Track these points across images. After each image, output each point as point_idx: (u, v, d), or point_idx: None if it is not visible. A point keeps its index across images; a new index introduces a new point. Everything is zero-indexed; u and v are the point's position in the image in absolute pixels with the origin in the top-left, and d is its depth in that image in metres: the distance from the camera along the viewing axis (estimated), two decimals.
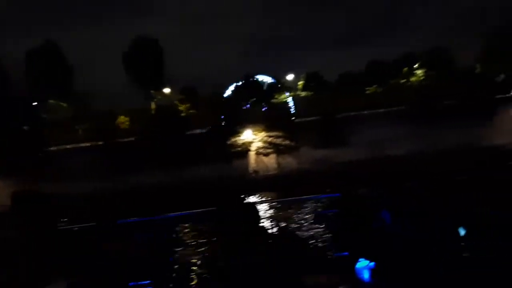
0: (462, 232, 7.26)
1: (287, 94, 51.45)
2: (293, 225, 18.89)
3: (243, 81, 51.71)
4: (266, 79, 53.30)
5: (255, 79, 52.19)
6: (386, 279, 6.98)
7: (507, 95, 48.07)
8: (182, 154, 42.90)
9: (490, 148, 43.91)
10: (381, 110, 48.75)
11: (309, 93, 51.65)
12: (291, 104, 50.69)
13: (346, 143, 46.85)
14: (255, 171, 45.21)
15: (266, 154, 45.36)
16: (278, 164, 45.92)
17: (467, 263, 6.97)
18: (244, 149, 45.43)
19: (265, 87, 51.41)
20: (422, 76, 50.16)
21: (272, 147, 45.30)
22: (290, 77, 54.69)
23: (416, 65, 51.09)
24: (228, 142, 45.08)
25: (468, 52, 50.76)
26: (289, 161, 46.18)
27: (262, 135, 45.72)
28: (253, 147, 45.90)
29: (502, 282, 6.52)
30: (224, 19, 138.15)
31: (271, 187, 37.82)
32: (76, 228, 15.57)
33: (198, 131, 46.57)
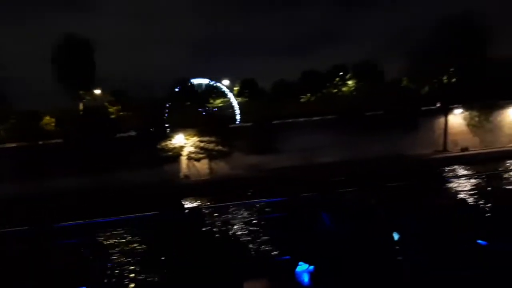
0: (396, 236, 7.40)
1: (223, 99, 51.30)
2: (236, 229, 18.97)
3: (178, 84, 50.94)
4: (202, 82, 52.86)
5: (190, 82, 51.58)
6: (325, 282, 7.03)
7: (431, 107, 50.69)
8: (108, 158, 41.36)
9: (414, 157, 46.26)
10: (314, 118, 49.83)
11: (244, 99, 51.82)
12: (225, 109, 50.62)
13: (279, 150, 47.42)
14: (186, 176, 44.45)
15: (198, 159, 44.76)
16: (211, 169, 45.49)
17: (401, 266, 7.10)
18: (175, 154, 44.55)
19: (200, 91, 50.90)
20: (353, 86, 51.86)
21: (205, 152, 44.77)
22: (226, 82, 54.56)
23: (348, 76, 52.79)
24: (159, 146, 44.01)
25: (396, 65, 53.20)
26: (222, 166, 45.92)
27: (194, 139, 45.08)
28: (185, 151, 45.13)
29: (435, 283, 6.65)
30: (165, 20, 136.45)
31: (204, 193, 37.44)
32: None
33: (128, 134, 45.16)
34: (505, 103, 51.87)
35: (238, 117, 52.00)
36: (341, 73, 52.34)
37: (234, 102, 52.02)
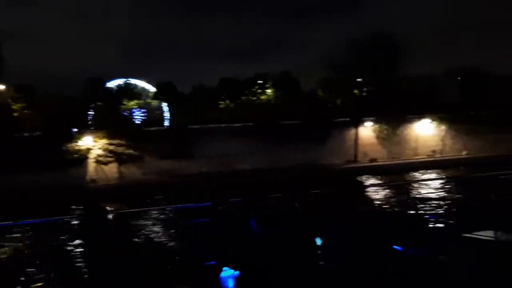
0: (318, 241, 7.59)
1: (137, 101, 49.61)
2: (159, 235, 18.24)
3: (92, 84, 48.52)
4: (119, 82, 50.86)
5: (103, 82, 49.39)
6: (249, 287, 6.95)
7: (344, 119, 52.52)
8: (8, 159, 38.31)
9: (327, 166, 47.61)
10: (232, 125, 49.82)
11: (160, 102, 50.59)
12: (139, 111, 49.06)
13: (196, 155, 46.74)
14: (93, 180, 42.29)
15: (106, 163, 42.75)
16: (120, 174, 43.68)
17: (324, 270, 7.26)
18: (82, 157, 42.22)
19: (114, 92, 48.85)
20: (271, 95, 52.54)
21: (114, 156, 42.86)
22: (143, 83, 52.96)
23: (268, 85, 53.41)
24: (64, 148, 41.47)
25: (315, 77, 54.60)
26: (133, 171, 44.29)
27: (103, 142, 43.04)
28: (93, 154, 42.94)
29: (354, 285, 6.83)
30: (101, 19, 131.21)
31: (110, 198, 35.75)
32: None
33: (32, 134, 42.18)
34: (412, 118, 55.12)
35: (148, 119, 50.44)
36: (260, 82, 52.81)
37: (145, 105, 50.44)
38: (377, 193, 33.83)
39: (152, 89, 53.16)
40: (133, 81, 52.10)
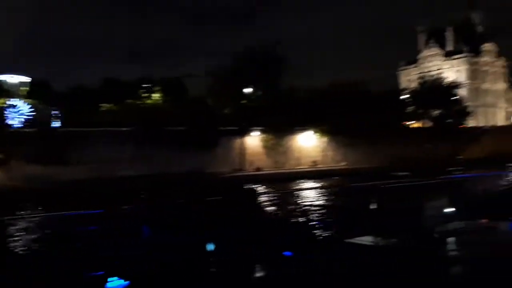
0: (210, 247, 7.57)
1: (5, 99, 44.53)
2: (44, 243, 16.48)
3: None
4: None
5: None
6: None
7: (231, 128, 52.51)
8: None
9: (213, 174, 47.04)
10: (114, 129, 46.96)
11: (34, 101, 46.01)
12: (42, 111, 44.06)
13: (71, 161, 43.05)
14: None
15: None
16: None
17: (215, 276, 7.18)
18: None
19: None
20: (158, 100, 50.81)
21: None
22: (15, 80, 47.77)
23: (155, 89, 51.63)
24: None
25: (203, 84, 54.08)
26: None
27: None
28: None
29: None
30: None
31: None
32: None
33: None
34: (296, 129, 57.06)
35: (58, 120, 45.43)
36: (147, 85, 50.85)
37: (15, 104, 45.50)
38: (268, 200, 34.26)
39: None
40: (3, 77, 46.73)
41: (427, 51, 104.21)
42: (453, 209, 8.66)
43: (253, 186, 43.21)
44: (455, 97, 71.19)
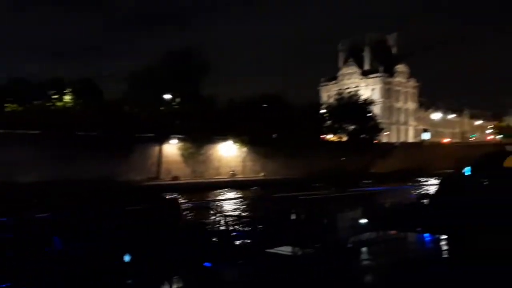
0: (127, 258, 7.09)
1: None
2: None
3: None
4: None
5: None
6: None
7: (148, 134, 50.77)
8: None
9: (126, 182, 45.07)
10: (17, 131, 43.52)
11: None
12: None
13: None
14: None
15: None
16: None
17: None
18: None
19: None
20: (70, 102, 48.02)
21: None
22: None
23: (66, 91, 48.74)
24: None
25: (120, 88, 51.87)
26: None
27: None
28: None
29: None
30: None
31: None
32: None
33: None
34: (216, 138, 56.71)
35: None
36: (59, 87, 47.87)
37: None
38: (186, 210, 33.42)
39: None
40: None
41: (346, 69, 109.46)
42: (366, 220, 9.12)
43: (169, 195, 42.08)
44: (369, 114, 74.98)
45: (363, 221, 9.13)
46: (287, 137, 62.61)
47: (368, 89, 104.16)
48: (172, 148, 53.13)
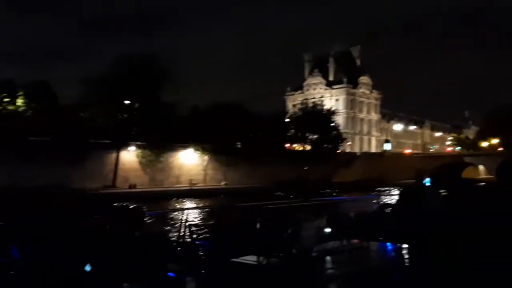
0: (87, 268, 7.09)
1: None
2: None
3: None
4: None
5: None
6: None
7: (105, 141, 49.18)
8: None
9: (80, 190, 43.38)
10: None
11: None
12: None
13: None
14: None
15: None
16: None
17: None
18: None
19: None
20: (23, 106, 46.00)
21: None
22: None
23: (19, 94, 46.66)
24: None
25: (75, 93, 49.98)
26: None
27: None
28: None
29: None
30: None
31: None
32: None
33: None
34: (177, 146, 55.65)
35: None
36: (10, 89, 45.78)
37: None
38: (151, 219, 32.18)
39: None
40: None
41: (311, 79, 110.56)
42: (330, 229, 9.30)
43: (132, 204, 40.66)
44: (332, 124, 75.66)
45: (327, 230, 9.26)
46: (250, 146, 62.37)
47: (332, 99, 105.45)
48: (130, 155, 51.66)
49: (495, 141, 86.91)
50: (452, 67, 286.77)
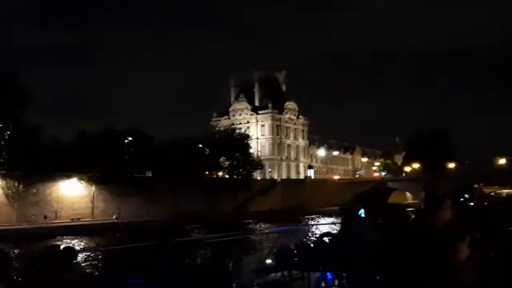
0: None
1: None
2: None
3: None
4: None
5: None
6: None
7: None
8: None
9: None
10: None
11: None
12: None
13: None
14: None
15: None
16: None
17: None
18: None
19: None
20: None
21: None
22: None
23: None
24: None
25: None
26: None
27: None
28: None
29: None
30: None
31: None
32: None
33: None
34: (57, 175, 48.48)
35: None
36: None
37: None
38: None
39: None
40: None
41: (237, 104, 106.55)
42: (269, 261, 9.04)
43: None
44: (250, 149, 71.02)
45: (267, 262, 8.95)
46: (154, 175, 56.12)
47: (258, 125, 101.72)
48: None
49: (416, 165, 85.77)
50: (383, 94, 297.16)
